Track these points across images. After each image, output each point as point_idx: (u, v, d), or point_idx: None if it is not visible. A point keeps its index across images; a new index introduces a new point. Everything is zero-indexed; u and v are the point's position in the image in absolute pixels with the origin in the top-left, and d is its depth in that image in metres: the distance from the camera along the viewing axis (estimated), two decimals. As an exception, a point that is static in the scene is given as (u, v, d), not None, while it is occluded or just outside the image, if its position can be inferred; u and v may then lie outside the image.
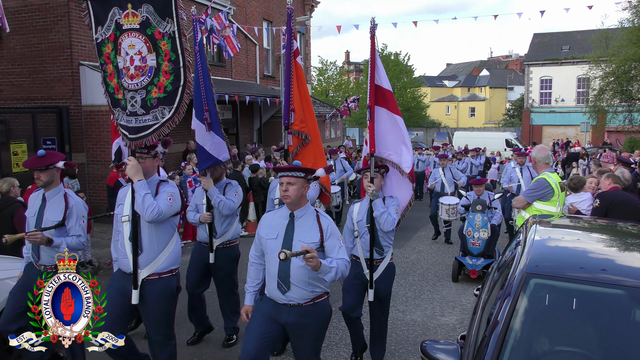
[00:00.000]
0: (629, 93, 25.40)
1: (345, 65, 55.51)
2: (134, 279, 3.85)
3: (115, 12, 3.79)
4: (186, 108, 3.81)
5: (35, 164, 4.16)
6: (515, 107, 47.19)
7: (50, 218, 4.21)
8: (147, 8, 3.69)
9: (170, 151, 14.05)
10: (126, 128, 3.90)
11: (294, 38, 5.41)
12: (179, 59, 3.71)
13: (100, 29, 3.90)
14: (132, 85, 3.82)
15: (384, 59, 40.09)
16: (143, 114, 3.82)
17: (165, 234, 3.95)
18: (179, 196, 3.95)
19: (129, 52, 3.79)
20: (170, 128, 3.81)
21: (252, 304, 3.64)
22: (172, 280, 3.99)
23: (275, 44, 19.82)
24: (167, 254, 3.94)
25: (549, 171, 5.36)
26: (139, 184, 3.77)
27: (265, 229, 3.54)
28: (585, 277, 2.84)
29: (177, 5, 3.67)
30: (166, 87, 3.75)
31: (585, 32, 37.25)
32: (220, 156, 5.05)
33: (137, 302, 3.86)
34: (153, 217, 3.72)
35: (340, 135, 27.41)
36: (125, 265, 3.93)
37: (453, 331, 5.83)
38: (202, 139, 5.00)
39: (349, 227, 4.73)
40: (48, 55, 11.69)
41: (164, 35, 3.69)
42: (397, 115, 4.77)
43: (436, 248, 9.97)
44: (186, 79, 3.74)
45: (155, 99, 3.78)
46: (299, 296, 3.37)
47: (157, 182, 3.97)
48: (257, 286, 3.68)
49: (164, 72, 3.74)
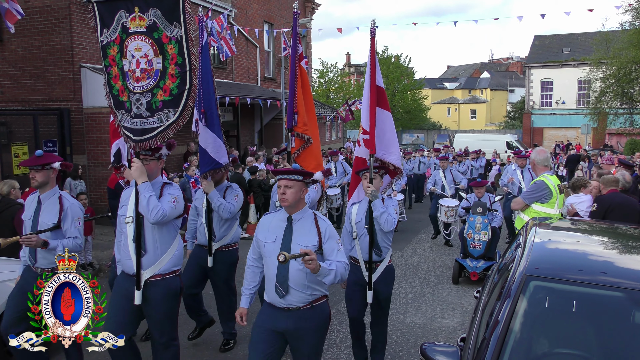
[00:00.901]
0: (629, 95, 25.41)
1: (346, 67, 55.55)
2: (137, 280, 3.86)
3: (122, 15, 3.82)
4: (191, 111, 3.85)
5: (32, 162, 4.18)
6: (516, 110, 47.17)
7: (46, 221, 4.20)
8: (155, 12, 3.72)
9: (172, 153, 14.10)
10: (130, 130, 3.92)
11: (298, 42, 5.43)
12: (185, 62, 3.75)
13: (106, 31, 3.93)
14: (137, 87, 3.85)
15: (385, 61, 40.19)
16: (148, 117, 3.84)
17: (168, 235, 3.96)
18: (182, 199, 3.98)
19: (135, 54, 3.82)
20: (174, 131, 3.84)
21: (247, 307, 3.61)
22: (175, 281, 4.01)
23: (276, 46, 19.85)
24: (170, 255, 3.96)
25: (547, 173, 5.36)
26: (144, 186, 3.79)
27: (264, 232, 3.53)
28: (585, 279, 2.84)
29: (185, 9, 3.69)
30: (172, 90, 3.78)
31: (586, 34, 37.28)
32: (221, 160, 5.06)
33: (139, 302, 3.86)
34: (157, 219, 3.75)
35: (341, 137, 27.44)
36: (128, 266, 3.93)
37: (453, 333, 5.83)
38: (204, 142, 5.00)
39: (348, 228, 4.71)
40: (49, 57, 11.72)
41: (171, 39, 3.73)
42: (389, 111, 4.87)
43: (437, 250, 9.97)
44: (192, 82, 3.77)
45: (160, 102, 3.81)
46: (297, 300, 3.36)
47: (162, 184, 4.00)
48: (254, 289, 3.66)
49: (170, 75, 3.78)
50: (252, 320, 3.65)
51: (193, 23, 3.83)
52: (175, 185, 4.07)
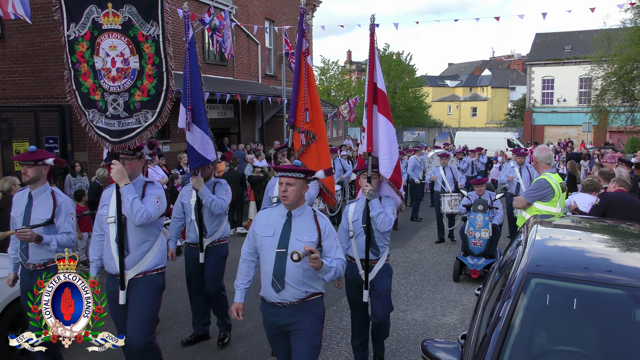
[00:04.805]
0: (631, 93, 25.39)
1: (347, 64, 55.48)
2: (121, 280, 3.85)
3: (93, 10, 3.70)
4: (169, 113, 3.80)
5: (24, 157, 4.17)
6: (517, 107, 47.13)
7: (38, 216, 4.19)
8: (130, 9, 3.63)
9: (171, 150, 14.09)
10: (107, 131, 3.83)
11: (304, 37, 5.41)
12: (162, 63, 3.69)
13: (74, 26, 3.80)
14: (114, 87, 3.76)
15: (386, 59, 40.12)
16: (126, 117, 3.78)
17: (151, 234, 3.95)
18: (165, 198, 3.97)
19: (110, 53, 3.72)
20: (152, 132, 3.80)
21: (242, 302, 3.60)
22: (157, 278, 3.99)
23: (277, 44, 19.83)
24: (153, 254, 3.95)
25: (549, 171, 5.35)
26: (126, 189, 3.76)
27: (261, 227, 3.52)
28: (586, 277, 2.84)
29: (163, 8, 3.62)
30: (149, 90, 3.72)
31: (587, 32, 37.21)
32: (209, 156, 5.05)
33: (124, 302, 3.86)
34: (142, 222, 3.74)
35: (342, 134, 27.43)
36: (111, 266, 3.92)
37: (454, 331, 5.84)
38: (192, 139, 4.99)
39: (345, 227, 4.68)
40: (51, 54, 11.71)
41: (147, 38, 3.65)
42: (386, 117, 4.65)
43: (437, 248, 9.97)
44: (168, 84, 3.72)
45: (138, 102, 3.75)
46: (292, 295, 3.38)
47: (143, 183, 3.97)
48: (248, 283, 3.65)
49: (148, 75, 3.71)
50: (249, 316, 3.65)
51: (171, 23, 3.77)
52: (157, 184, 4.05)
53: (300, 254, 3.00)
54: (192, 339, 5.40)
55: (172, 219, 5.45)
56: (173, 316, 6.10)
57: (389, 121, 4.67)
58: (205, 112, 5.02)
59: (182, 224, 5.44)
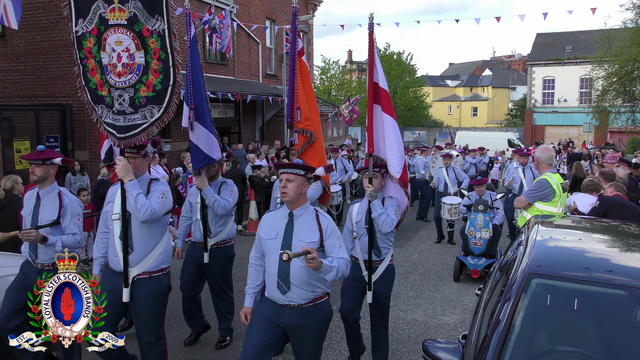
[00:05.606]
0: (631, 93, 25.39)
1: (347, 64, 55.48)
2: (125, 278, 3.84)
3: (100, 6, 3.69)
4: (176, 108, 3.77)
5: (33, 157, 4.17)
6: (517, 107, 47.12)
7: (45, 217, 4.19)
8: (135, 4, 3.61)
9: (172, 149, 14.09)
10: (113, 127, 3.83)
11: (298, 37, 5.39)
12: (168, 58, 3.65)
13: (82, 22, 3.79)
14: (119, 83, 3.74)
15: (387, 58, 40.11)
16: (132, 113, 3.76)
17: (157, 232, 3.94)
18: (170, 194, 3.94)
19: (116, 48, 3.70)
20: (159, 128, 3.77)
21: (252, 306, 3.58)
22: (163, 279, 3.99)
23: (278, 43, 19.82)
24: (157, 253, 3.94)
25: (551, 172, 5.36)
26: (130, 184, 3.75)
27: (265, 230, 3.52)
28: (587, 277, 2.84)
29: (168, 3, 3.59)
30: (155, 86, 3.69)
31: (588, 32, 37.20)
32: (214, 155, 4.97)
33: (127, 300, 3.86)
34: (147, 217, 3.72)
35: (342, 134, 27.41)
36: (115, 263, 3.92)
37: (454, 331, 5.84)
38: (196, 138, 4.92)
39: (349, 227, 4.66)
40: (51, 52, 11.71)
41: (152, 33, 3.62)
42: (391, 116, 4.60)
43: (438, 248, 9.97)
44: (175, 78, 3.68)
45: (144, 98, 3.72)
46: (299, 297, 3.35)
47: (149, 180, 3.96)
48: (257, 288, 3.64)
49: (153, 70, 3.68)
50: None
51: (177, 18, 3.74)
52: (162, 181, 4.02)
53: (290, 254, 2.92)
54: (192, 338, 5.40)
55: (181, 217, 5.44)
56: (173, 316, 6.09)
57: (394, 120, 4.63)
58: (209, 111, 4.95)
59: (191, 223, 5.41)
